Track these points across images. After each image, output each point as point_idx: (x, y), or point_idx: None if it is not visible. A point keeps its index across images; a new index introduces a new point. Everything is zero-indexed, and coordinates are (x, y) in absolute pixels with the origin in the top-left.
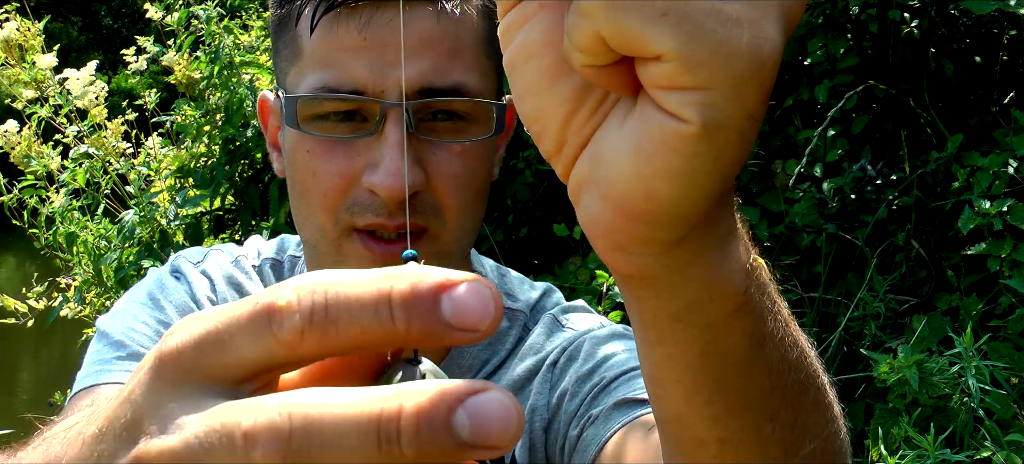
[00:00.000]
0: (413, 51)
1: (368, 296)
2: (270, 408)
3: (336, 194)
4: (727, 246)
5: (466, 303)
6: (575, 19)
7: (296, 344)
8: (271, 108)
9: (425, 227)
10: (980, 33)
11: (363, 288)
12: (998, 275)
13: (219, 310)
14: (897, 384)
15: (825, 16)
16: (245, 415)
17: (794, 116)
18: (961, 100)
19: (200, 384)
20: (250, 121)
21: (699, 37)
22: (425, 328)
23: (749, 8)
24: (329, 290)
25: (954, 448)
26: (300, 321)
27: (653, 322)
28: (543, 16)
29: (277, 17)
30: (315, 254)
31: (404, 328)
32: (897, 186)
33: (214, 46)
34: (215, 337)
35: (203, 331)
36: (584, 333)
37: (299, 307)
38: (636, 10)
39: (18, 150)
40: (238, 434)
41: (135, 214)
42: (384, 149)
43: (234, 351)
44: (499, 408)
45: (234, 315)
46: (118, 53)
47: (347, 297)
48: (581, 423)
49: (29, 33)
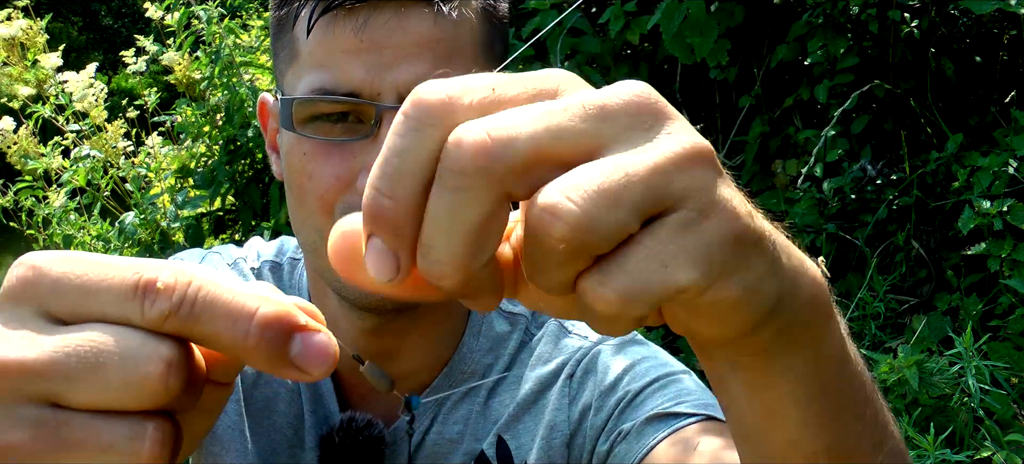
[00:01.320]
0: (410, 53)
1: (234, 307)
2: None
3: (332, 196)
4: (802, 277)
5: (312, 351)
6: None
7: (156, 323)
8: (270, 110)
9: None
10: (980, 33)
11: (233, 297)
12: (998, 275)
13: (100, 260)
14: (897, 384)
15: (825, 16)
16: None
17: (794, 116)
18: (961, 100)
19: (39, 309)
20: (251, 121)
21: (699, 254)
22: (270, 354)
23: (693, 186)
24: (203, 288)
25: (954, 448)
26: (168, 307)
27: (763, 370)
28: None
29: (276, 19)
30: (313, 256)
31: (253, 344)
32: (897, 186)
33: (215, 46)
34: (82, 284)
35: (71, 272)
36: (597, 342)
37: (174, 292)
38: (648, 281)
39: (15, 150)
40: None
41: (136, 216)
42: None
43: (96, 304)
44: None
45: (110, 275)
46: (118, 53)
47: (216, 299)
48: (611, 438)
49: (32, 31)
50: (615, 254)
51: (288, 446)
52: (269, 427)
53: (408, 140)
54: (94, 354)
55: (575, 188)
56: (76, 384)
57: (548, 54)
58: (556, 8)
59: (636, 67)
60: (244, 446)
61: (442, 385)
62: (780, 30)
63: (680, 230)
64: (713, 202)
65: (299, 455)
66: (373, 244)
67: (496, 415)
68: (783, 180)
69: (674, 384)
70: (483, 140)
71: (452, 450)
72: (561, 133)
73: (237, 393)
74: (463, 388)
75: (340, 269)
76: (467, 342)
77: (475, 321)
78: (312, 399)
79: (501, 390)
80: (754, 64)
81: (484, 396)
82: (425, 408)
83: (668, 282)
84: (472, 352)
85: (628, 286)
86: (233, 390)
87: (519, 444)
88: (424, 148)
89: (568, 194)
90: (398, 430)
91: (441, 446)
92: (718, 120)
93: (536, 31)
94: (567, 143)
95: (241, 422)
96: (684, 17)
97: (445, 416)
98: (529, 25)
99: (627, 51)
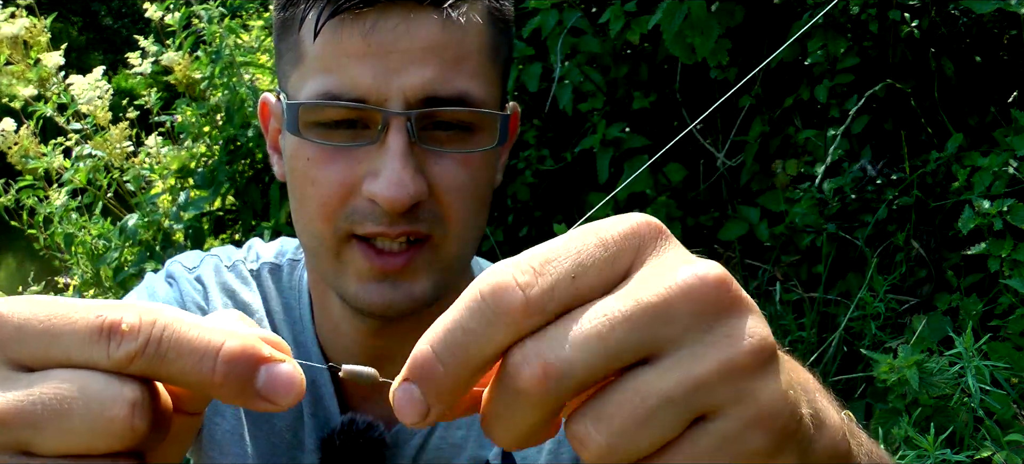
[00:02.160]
0: (417, 58)
1: (199, 343)
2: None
3: (335, 202)
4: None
5: (278, 382)
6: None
7: (123, 365)
8: (272, 111)
9: (428, 235)
10: (980, 33)
11: (198, 334)
12: (998, 275)
13: (64, 303)
14: (897, 384)
15: (825, 16)
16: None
17: (794, 116)
18: (961, 100)
19: (3, 357)
20: (251, 121)
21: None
22: (237, 387)
23: (739, 395)
24: (169, 327)
25: (954, 448)
26: (135, 348)
27: None
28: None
29: (280, 20)
30: (314, 260)
31: (220, 380)
32: (897, 186)
33: (215, 46)
34: (45, 329)
35: (34, 319)
36: None
37: (139, 334)
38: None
39: (16, 150)
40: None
41: (138, 218)
42: (385, 158)
43: (60, 350)
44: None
45: (74, 318)
46: (118, 53)
47: (181, 338)
48: None
49: (36, 30)
50: (654, 457)
51: (287, 448)
52: (268, 430)
53: (477, 325)
54: (58, 401)
55: (607, 420)
56: (43, 431)
57: (548, 54)
58: (556, 8)
59: (636, 67)
60: (243, 450)
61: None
62: (780, 30)
63: (721, 440)
64: (759, 415)
65: (299, 457)
66: (410, 389)
67: None
68: (783, 180)
69: None
70: (540, 375)
71: (456, 454)
72: (619, 352)
73: None
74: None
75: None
76: None
77: None
78: (312, 401)
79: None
80: (754, 64)
81: None
82: None
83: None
84: None
85: None
86: (203, 420)
87: (524, 455)
88: (490, 342)
89: (597, 425)
90: (400, 432)
91: (444, 450)
92: (718, 120)
93: (536, 31)
94: (622, 361)
95: (240, 426)
96: (685, 16)
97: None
98: (529, 25)
99: (627, 51)
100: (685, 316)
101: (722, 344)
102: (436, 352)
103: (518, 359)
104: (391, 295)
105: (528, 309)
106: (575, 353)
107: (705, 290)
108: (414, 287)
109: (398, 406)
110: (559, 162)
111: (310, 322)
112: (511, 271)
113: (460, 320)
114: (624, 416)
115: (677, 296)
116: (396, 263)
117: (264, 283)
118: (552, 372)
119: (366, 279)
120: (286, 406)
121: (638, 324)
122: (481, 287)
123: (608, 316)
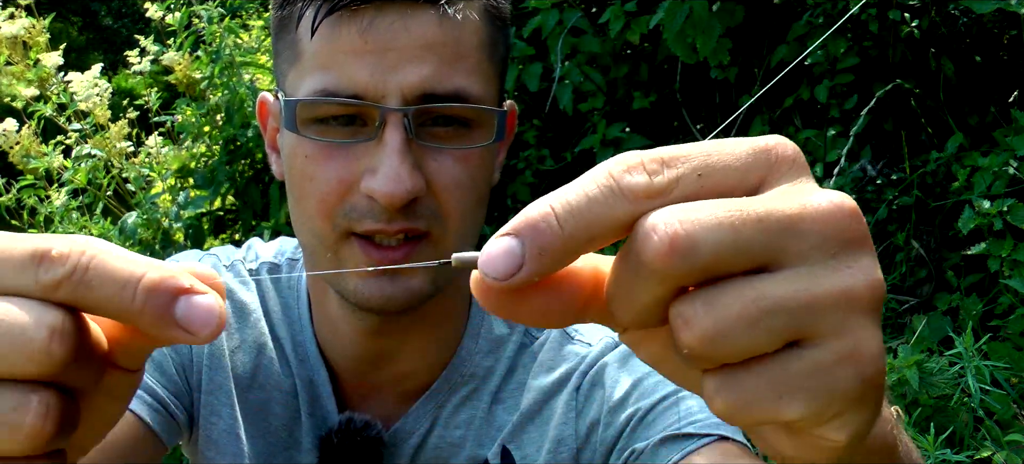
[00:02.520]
0: (414, 55)
1: (122, 273)
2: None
3: (334, 199)
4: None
5: (195, 313)
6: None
7: (49, 290)
8: (270, 110)
9: (426, 232)
10: (980, 33)
11: (122, 264)
12: (998, 275)
13: (7, 236)
14: (897, 384)
15: (825, 16)
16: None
17: (794, 116)
18: (961, 100)
19: None
20: (251, 121)
21: (821, 397)
22: (156, 316)
23: (843, 328)
24: (96, 256)
25: (954, 448)
26: (62, 274)
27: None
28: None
29: (278, 19)
30: (312, 257)
31: (139, 307)
32: (897, 186)
33: (215, 46)
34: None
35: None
36: (602, 352)
37: (67, 261)
38: (760, 404)
39: (17, 149)
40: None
41: (138, 217)
42: (383, 154)
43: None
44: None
45: (12, 247)
46: (118, 53)
47: (105, 266)
48: (623, 456)
49: (35, 30)
50: (739, 367)
51: (284, 447)
52: (264, 429)
53: (600, 194)
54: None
55: (720, 307)
56: None
57: (548, 54)
58: (556, 8)
59: (636, 67)
60: (240, 449)
61: (442, 386)
62: (780, 30)
63: (811, 368)
64: (854, 353)
65: (296, 456)
66: (508, 241)
67: (500, 423)
68: None
69: (682, 402)
70: (667, 246)
71: (454, 454)
72: (746, 247)
73: (231, 396)
74: (463, 391)
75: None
76: (466, 344)
77: (474, 323)
78: (309, 400)
79: (504, 396)
80: (754, 64)
81: (488, 401)
82: (425, 410)
83: (777, 413)
84: (471, 354)
85: (738, 402)
86: (143, 378)
87: (524, 454)
88: (610, 213)
89: (707, 309)
90: (397, 431)
91: (443, 449)
92: (718, 120)
93: (537, 31)
94: (747, 257)
95: (236, 425)
96: (687, 16)
97: (447, 419)
98: (529, 25)
99: (627, 51)
100: (815, 236)
101: (844, 273)
102: (554, 210)
103: (648, 227)
104: (389, 289)
105: (650, 191)
106: (705, 233)
107: (839, 217)
108: (412, 282)
109: (489, 255)
110: (559, 162)
111: (309, 322)
112: (640, 156)
113: (583, 188)
114: (736, 308)
115: (811, 214)
116: (394, 258)
117: (263, 283)
118: (679, 246)
119: (365, 275)
120: (204, 339)
121: (768, 229)
122: (609, 165)
123: (742, 211)
